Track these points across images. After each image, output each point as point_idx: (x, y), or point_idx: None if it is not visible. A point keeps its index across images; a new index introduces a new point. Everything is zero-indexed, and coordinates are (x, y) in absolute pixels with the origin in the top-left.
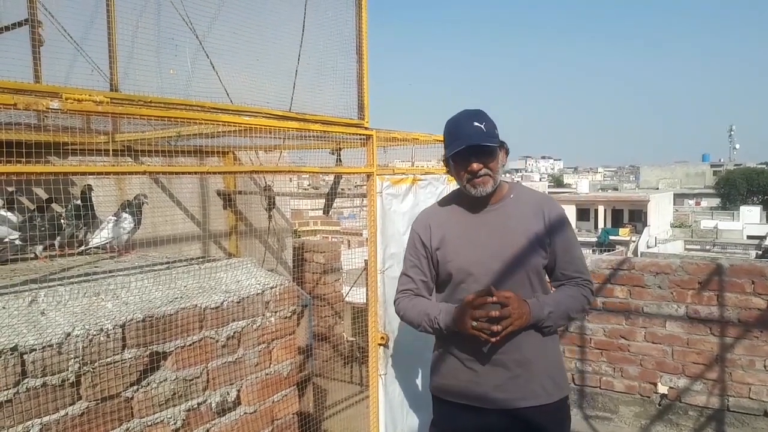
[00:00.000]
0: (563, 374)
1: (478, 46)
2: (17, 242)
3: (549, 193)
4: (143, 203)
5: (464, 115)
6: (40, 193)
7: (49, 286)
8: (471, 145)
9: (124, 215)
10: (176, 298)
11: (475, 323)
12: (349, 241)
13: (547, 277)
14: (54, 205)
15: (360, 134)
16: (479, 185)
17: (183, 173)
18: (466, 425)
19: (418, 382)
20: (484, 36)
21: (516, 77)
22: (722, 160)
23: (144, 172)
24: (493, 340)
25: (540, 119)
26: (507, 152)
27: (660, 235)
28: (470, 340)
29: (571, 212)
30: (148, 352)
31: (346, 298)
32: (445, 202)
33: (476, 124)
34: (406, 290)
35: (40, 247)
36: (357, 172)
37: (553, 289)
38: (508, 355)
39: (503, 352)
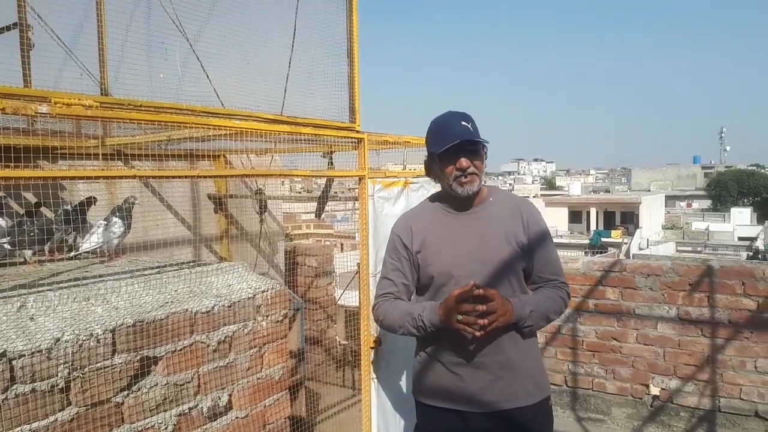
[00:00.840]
0: (544, 375)
1: (470, 48)
2: (6, 246)
3: (541, 195)
4: (133, 204)
5: (451, 114)
6: (30, 197)
7: (39, 291)
8: (463, 141)
9: (114, 219)
10: (167, 302)
11: (460, 317)
12: (342, 245)
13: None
14: (43, 209)
15: (351, 137)
16: (467, 184)
17: (174, 177)
18: (450, 428)
19: (411, 385)
20: (475, 39)
21: (507, 80)
22: (713, 162)
23: (135, 176)
24: (479, 334)
25: (532, 122)
26: (486, 155)
27: (652, 237)
28: (453, 343)
29: (563, 214)
30: (138, 357)
31: (339, 302)
32: (425, 205)
33: (464, 123)
34: (386, 294)
35: (29, 252)
36: (349, 176)
37: (530, 291)
38: (491, 358)
39: (485, 355)
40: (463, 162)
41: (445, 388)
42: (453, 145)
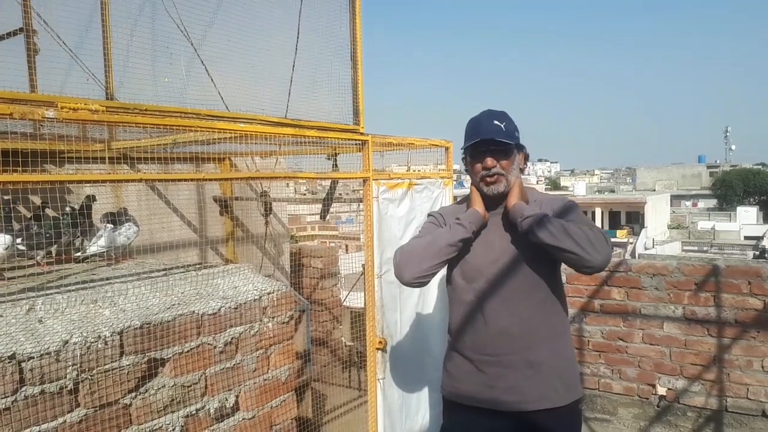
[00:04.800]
0: (575, 376)
1: (474, 50)
2: (21, 247)
3: None
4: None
5: (486, 113)
6: (37, 201)
7: (47, 294)
8: (486, 140)
9: (129, 224)
10: (174, 304)
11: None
12: (347, 246)
13: (564, 278)
14: (48, 211)
15: (355, 139)
16: (492, 183)
17: (179, 180)
18: (478, 429)
19: (417, 386)
20: (480, 41)
21: (512, 81)
22: (718, 161)
23: (140, 180)
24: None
25: (536, 122)
26: (527, 157)
27: (657, 237)
28: (483, 342)
29: None
30: (146, 359)
31: (344, 303)
32: (462, 203)
33: (496, 122)
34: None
35: (40, 255)
36: (353, 177)
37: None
38: (520, 356)
39: (515, 354)
40: (488, 161)
41: (474, 388)
42: (480, 144)
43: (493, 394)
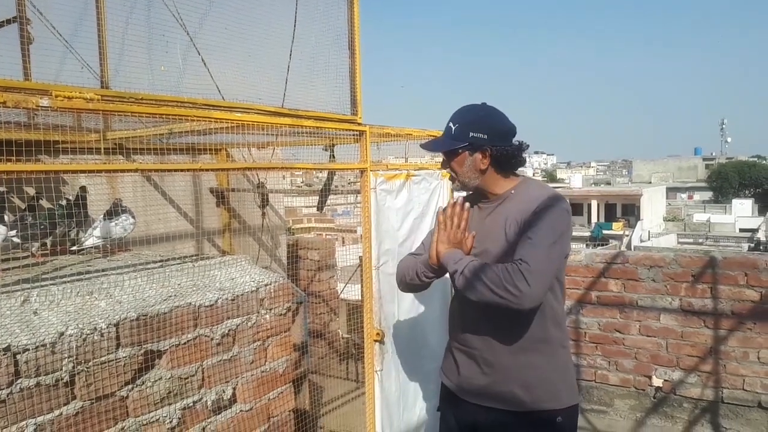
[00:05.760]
0: (547, 388)
1: (472, 44)
2: (16, 240)
3: None
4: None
5: (454, 112)
6: (31, 192)
7: (42, 286)
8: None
9: (125, 216)
10: (170, 296)
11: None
12: (343, 238)
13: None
14: (43, 202)
15: (353, 130)
16: (453, 182)
17: (175, 171)
18: (448, 409)
19: (414, 377)
20: (477, 34)
21: (508, 74)
22: (714, 154)
23: (136, 170)
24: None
25: (532, 114)
26: (497, 156)
27: (653, 229)
28: (458, 331)
29: None
30: (142, 351)
31: (341, 295)
32: (467, 199)
33: (450, 124)
34: (412, 254)
35: (35, 246)
36: (350, 168)
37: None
38: (480, 353)
39: (476, 349)
40: (441, 164)
41: (448, 369)
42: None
43: (458, 380)
